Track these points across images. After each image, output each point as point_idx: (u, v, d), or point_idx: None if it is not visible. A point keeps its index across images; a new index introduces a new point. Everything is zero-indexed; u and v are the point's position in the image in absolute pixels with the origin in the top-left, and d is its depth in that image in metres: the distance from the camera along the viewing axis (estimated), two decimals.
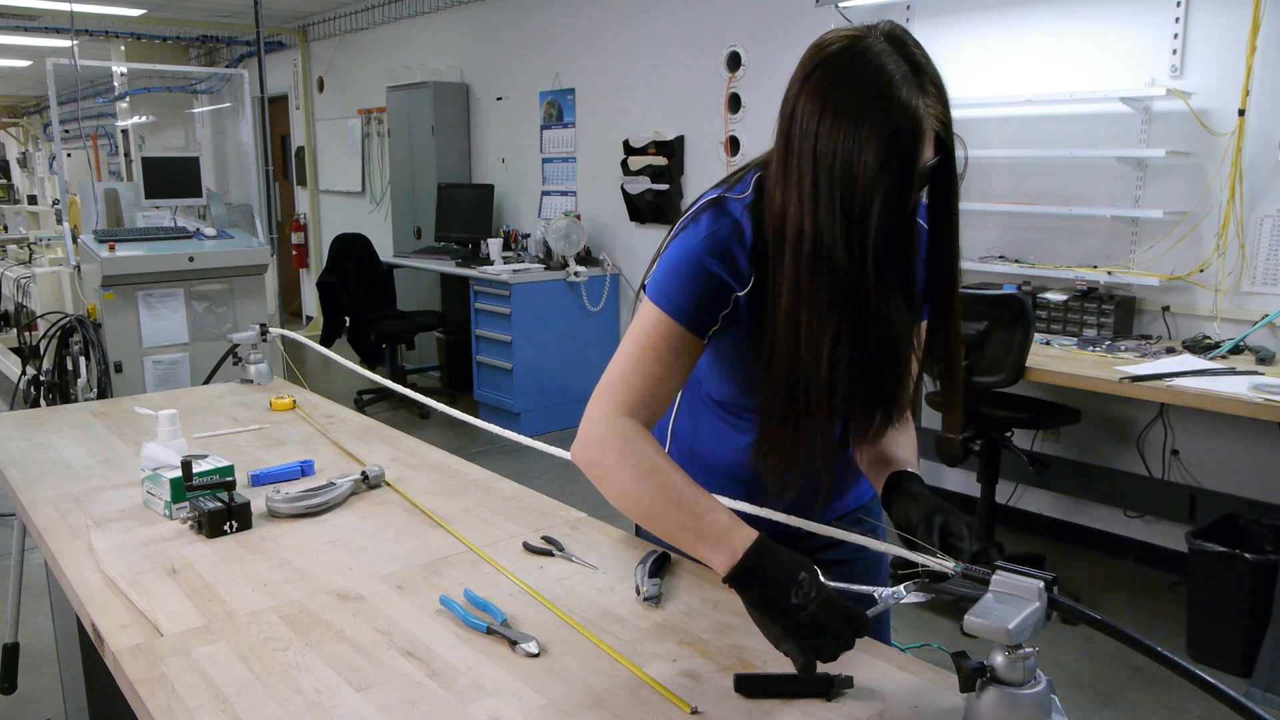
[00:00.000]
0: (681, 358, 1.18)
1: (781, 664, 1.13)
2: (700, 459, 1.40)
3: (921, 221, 1.15)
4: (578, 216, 5.79)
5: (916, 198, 1.07)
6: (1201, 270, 3.38)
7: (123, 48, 9.44)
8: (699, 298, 1.16)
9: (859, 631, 1.03)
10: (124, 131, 10.09)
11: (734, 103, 4.99)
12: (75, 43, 7.40)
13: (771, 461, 1.17)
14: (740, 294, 1.16)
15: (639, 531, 1.49)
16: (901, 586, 1.10)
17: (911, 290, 1.15)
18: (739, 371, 1.28)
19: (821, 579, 1.04)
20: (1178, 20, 3.36)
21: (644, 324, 1.19)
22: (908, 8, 4.13)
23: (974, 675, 0.94)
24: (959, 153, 1.08)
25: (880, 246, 1.03)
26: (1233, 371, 2.94)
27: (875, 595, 1.10)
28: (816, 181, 1.02)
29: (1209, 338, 3.30)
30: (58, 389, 4.56)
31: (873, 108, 1.00)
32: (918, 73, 1.02)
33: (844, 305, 1.05)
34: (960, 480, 4.08)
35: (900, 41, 1.04)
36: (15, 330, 6.39)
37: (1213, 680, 0.87)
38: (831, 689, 1.06)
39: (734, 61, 4.96)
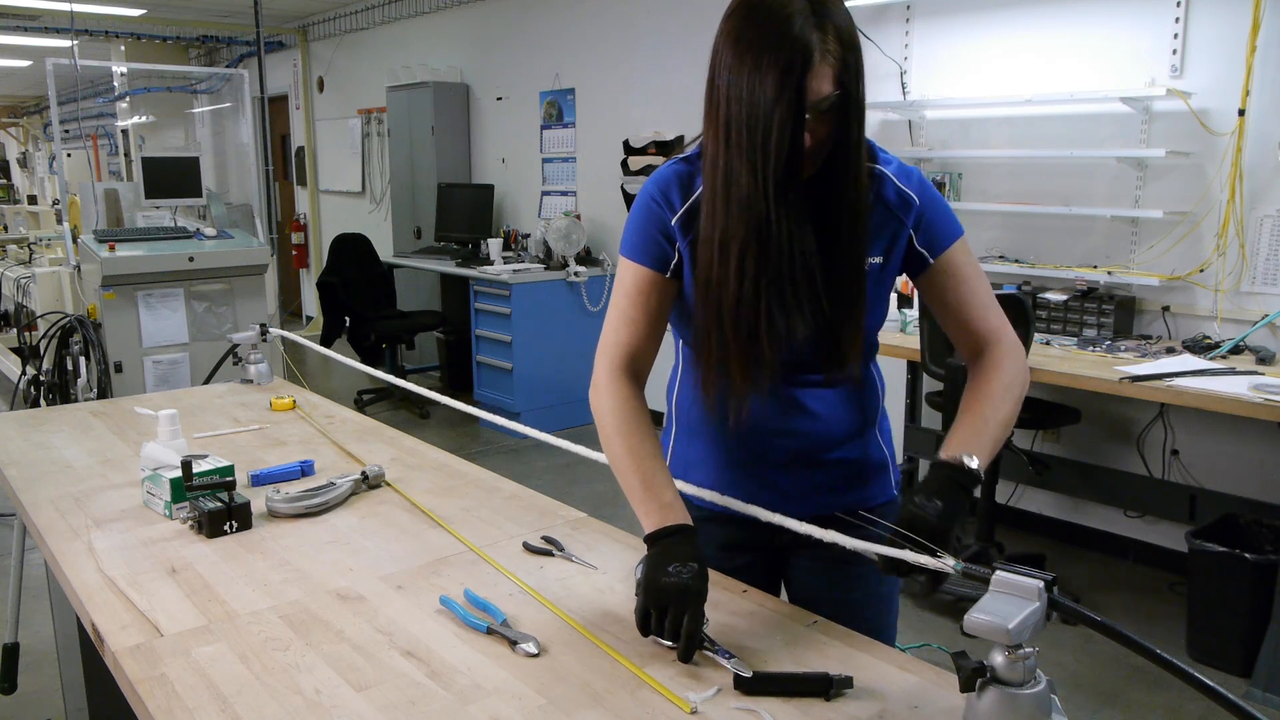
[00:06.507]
0: (653, 298, 1.32)
1: (781, 664, 1.13)
2: (695, 430, 1.45)
3: (923, 249, 1.30)
4: (578, 216, 5.79)
5: (815, 127, 1.15)
6: (1201, 270, 3.38)
7: (123, 48, 9.44)
8: (644, 229, 1.32)
9: (678, 635, 1.11)
10: (124, 131, 10.09)
11: None
12: (75, 43, 7.41)
13: (707, 378, 1.28)
14: (672, 221, 1.30)
15: None
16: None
17: (834, 228, 1.22)
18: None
19: (696, 584, 1.13)
20: (1178, 20, 3.35)
21: (620, 277, 1.36)
22: (908, 7, 4.13)
23: (974, 675, 0.94)
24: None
25: (779, 171, 1.14)
26: (1233, 371, 2.94)
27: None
28: (728, 112, 1.15)
29: (1209, 338, 3.30)
30: (58, 389, 4.55)
31: (769, 40, 1.11)
32: (819, 12, 1.12)
33: (748, 225, 1.17)
34: None
35: None
36: (15, 330, 6.39)
37: (1209, 681, 0.87)
38: (831, 689, 1.06)
39: None
